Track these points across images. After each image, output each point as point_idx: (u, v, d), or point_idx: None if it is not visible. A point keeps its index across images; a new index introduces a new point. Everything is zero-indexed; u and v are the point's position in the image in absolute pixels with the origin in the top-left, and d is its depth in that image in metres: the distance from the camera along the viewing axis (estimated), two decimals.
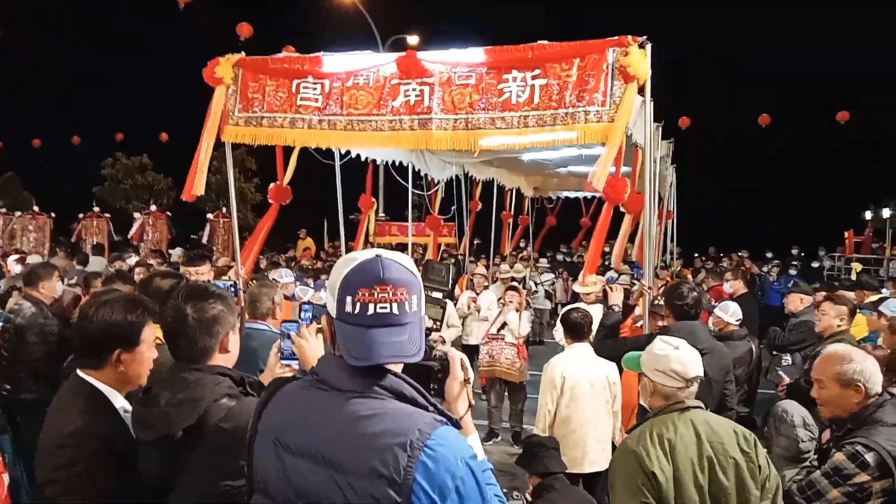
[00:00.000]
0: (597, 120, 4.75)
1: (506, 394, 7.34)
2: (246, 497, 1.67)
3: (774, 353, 5.64)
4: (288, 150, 6.68)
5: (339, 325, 1.54)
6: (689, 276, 11.93)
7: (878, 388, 2.73)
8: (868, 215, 16.91)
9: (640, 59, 4.57)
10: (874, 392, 2.72)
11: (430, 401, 1.53)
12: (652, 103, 5.03)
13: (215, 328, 2.12)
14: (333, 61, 5.25)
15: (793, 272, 14.82)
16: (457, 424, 1.54)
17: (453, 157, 8.81)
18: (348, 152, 6.91)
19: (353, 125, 5.21)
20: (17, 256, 11.44)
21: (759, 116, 19.02)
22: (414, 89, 5.03)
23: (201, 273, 4.93)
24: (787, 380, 4.69)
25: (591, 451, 4.53)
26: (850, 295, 5.57)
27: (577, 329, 4.65)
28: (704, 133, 18.19)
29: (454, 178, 10.37)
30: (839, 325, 4.59)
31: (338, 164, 7.14)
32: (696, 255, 18.67)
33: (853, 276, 12.72)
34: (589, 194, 14.89)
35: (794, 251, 18.21)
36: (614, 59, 4.64)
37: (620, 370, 4.71)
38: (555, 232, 17.53)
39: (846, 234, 16.39)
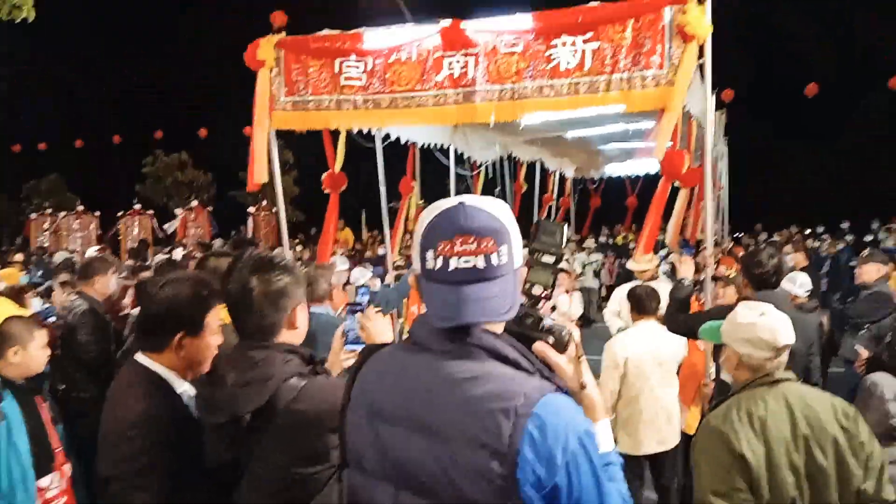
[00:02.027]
0: (654, 84, 4.50)
1: None
2: (337, 473, 1.54)
3: (846, 328, 5.32)
4: (334, 135, 6.57)
5: (423, 283, 1.40)
6: (741, 254, 11.51)
7: None
8: None
9: (699, 17, 4.31)
10: None
11: (536, 365, 1.37)
12: (710, 67, 4.76)
13: (282, 301, 1.97)
14: (375, 37, 5.09)
15: (842, 245, 14.26)
16: (569, 394, 1.37)
17: (496, 137, 8.59)
18: (388, 135, 6.75)
19: (397, 102, 5.06)
20: (98, 247, 11.60)
21: (807, 86, 18.31)
22: (458, 61, 4.84)
23: None
24: (864, 354, 4.39)
25: (661, 430, 4.34)
26: None
27: (642, 303, 4.42)
28: (748, 105, 17.57)
29: (498, 160, 10.15)
30: None
31: (379, 147, 6.97)
32: (741, 233, 18.07)
33: None
34: (633, 173, 14.59)
35: (844, 225, 17.57)
36: (671, 18, 4.39)
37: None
38: (599, 214, 17.21)
39: None
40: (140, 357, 2.12)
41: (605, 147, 11.26)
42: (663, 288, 4.99)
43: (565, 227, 1.71)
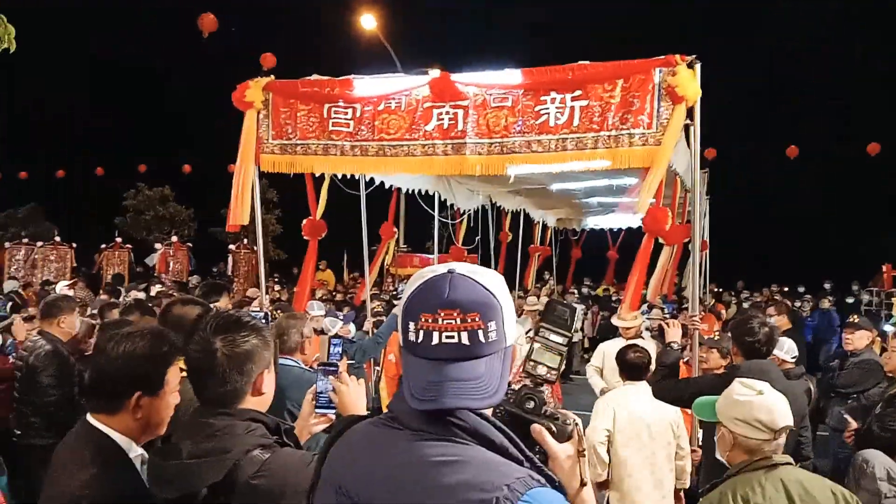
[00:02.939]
0: (642, 143, 4.51)
1: None
2: None
3: (832, 394, 5.24)
4: (317, 181, 6.53)
5: (404, 356, 1.30)
6: (723, 312, 11.51)
7: None
8: None
9: (688, 79, 4.34)
10: None
11: (525, 453, 1.24)
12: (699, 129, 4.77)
13: (248, 366, 1.84)
14: (364, 84, 5.08)
15: (825, 306, 14.31)
16: (561, 489, 1.24)
17: (480, 186, 8.58)
18: (373, 181, 6.70)
19: (385, 150, 5.04)
20: (68, 282, 11.41)
21: (787, 148, 18.71)
22: (447, 112, 4.83)
23: (218, 308, 4.66)
24: (853, 425, 4.29)
25: (650, 497, 4.17)
26: None
27: (635, 369, 4.29)
28: (730, 164, 17.87)
29: (479, 208, 10.14)
30: None
31: (363, 193, 6.91)
32: (721, 289, 18.10)
33: (894, 312, 12.19)
34: (615, 226, 14.70)
35: (827, 286, 17.65)
36: (661, 80, 4.41)
37: None
38: (579, 265, 17.25)
39: (883, 268, 15.82)
40: (91, 419, 1.95)
41: (588, 200, 11.31)
42: (647, 346, 4.91)
43: (578, 309, 1.61)
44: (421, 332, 1.23)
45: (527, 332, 7.97)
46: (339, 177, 6.16)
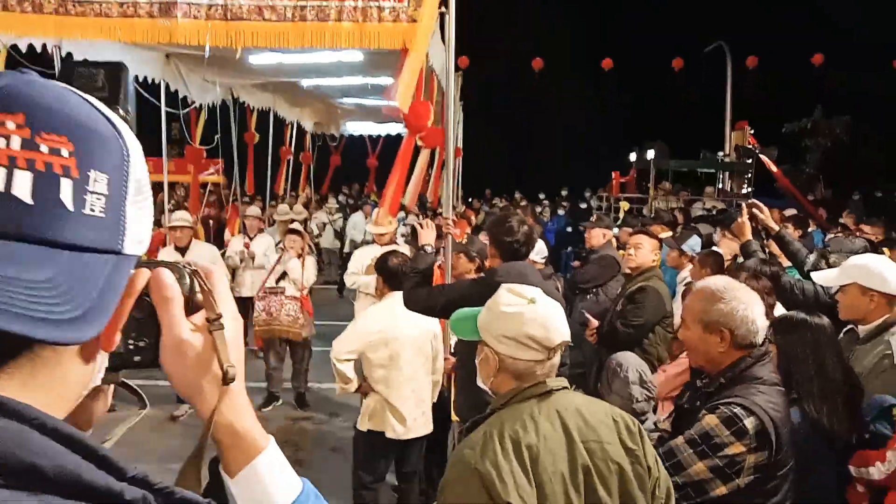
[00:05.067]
0: (392, 19, 3.92)
1: (287, 352, 6.40)
2: None
3: (576, 292, 5.34)
4: None
5: None
6: (473, 217, 11.76)
7: (753, 337, 2.18)
8: (633, 157, 18.12)
9: None
10: (746, 342, 2.17)
11: (123, 471, 0.56)
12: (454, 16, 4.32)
13: None
14: None
15: (562, 212, 15.47)
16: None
17: (218, 76, 7.41)
18: (70, 56, 5.29)
19: (68, 8, 3.87)
20: None
21: (533, 60, 19.49)
22: None
23: None
24: (595, 323, 4.31)
25: (409, 416, 3.87)
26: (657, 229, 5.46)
27: (397, 276, 3.85)
28: (480, 72, 18.13)
29: (220, 102, 8.89)
30: (654, 261, 4.30)
31: (58, 68, 5.45)
32: (471, 197, 18.78)
33: (621, 215, 13.47)
34: (374, 133, 14.28)
35: (564, 192, 19.14)
36: None
37: None
38: (338, 172, 16.68)
39: (613, 175, 17.40)
40: None
41: (343, 101, 10.63)
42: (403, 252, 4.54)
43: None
44: None
45: (277, 244, 7.28)
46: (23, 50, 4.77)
